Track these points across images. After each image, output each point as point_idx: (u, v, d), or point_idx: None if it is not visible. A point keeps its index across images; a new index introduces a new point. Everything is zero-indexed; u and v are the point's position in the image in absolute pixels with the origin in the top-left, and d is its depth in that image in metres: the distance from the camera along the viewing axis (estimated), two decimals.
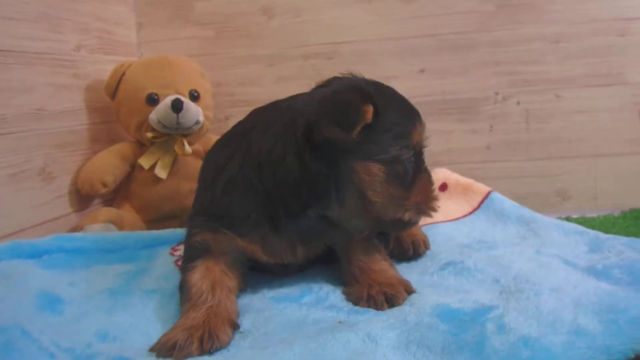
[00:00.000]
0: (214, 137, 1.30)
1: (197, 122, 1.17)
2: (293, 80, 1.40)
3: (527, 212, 0.99)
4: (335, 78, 0.75)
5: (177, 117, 1.11)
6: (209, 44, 1.40)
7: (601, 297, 0.53)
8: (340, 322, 0.56)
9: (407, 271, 0.74)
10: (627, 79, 1.35)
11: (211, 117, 1.27)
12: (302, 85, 1.39)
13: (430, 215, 0.70)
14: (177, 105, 1.11)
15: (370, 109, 0.61)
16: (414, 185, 0.67)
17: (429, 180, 0.71)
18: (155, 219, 1.16)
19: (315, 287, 0.68)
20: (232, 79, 1.41)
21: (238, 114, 1.42)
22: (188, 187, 1.19)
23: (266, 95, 1.40)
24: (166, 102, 1.11)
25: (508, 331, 0.47)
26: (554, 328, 0.47)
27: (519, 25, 1.35)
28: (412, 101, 1.05)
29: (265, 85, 1.40)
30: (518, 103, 1.37)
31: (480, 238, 0.89)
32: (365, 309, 0.60)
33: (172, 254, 0.78)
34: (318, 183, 0.64)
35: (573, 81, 1.35)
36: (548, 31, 1.35)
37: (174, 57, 1.24)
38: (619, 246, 0.73)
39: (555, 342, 0.45)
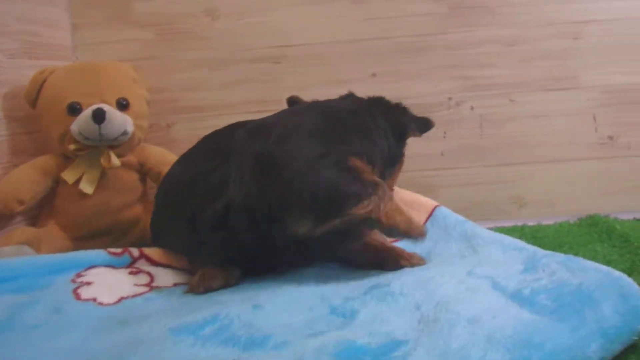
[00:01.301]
0: (151, 147, 1.23)
1: (125, 133, 1.09)
2: (240, 85, 1.34)
3: (470, 227, 0.94)
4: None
5: (99, 128, 1.04)
6: (149, 47, 1.33)
7: (518, 329, 0.48)
8: None
9: (334, 294, 0.70)
10: (581, 83, 1.32)
11: (145, 127, 1.20)
12: (249, 90, 1.35)
13: None
14: (98, 116, 1.03)
15: None
16: None
17: None
18: (85, 236, 1.09)
19: (223, 312, 0.63)
20: (175, 84, 1.34)
21: (182, 121, 1.36)
22: (119, 201, 1.13)
23: (212, 101, 1.36)
24: (87, 112, 1.04)
25: None
26: None
27: (473, 28, 1.31)
28: None
29: (211, 90, 1.34)
30: (472, 108, 1.33)
31: None
32: (265, 340, 0.55)
33: (73, 281, 0.71)
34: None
35: (527, 85, 1.32)
36: (502, 34, 1.31)
37: (102, 62, 1.18)
38: (554, 265, 0.69)
39: None
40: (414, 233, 0.76)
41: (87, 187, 1.05)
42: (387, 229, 0.75)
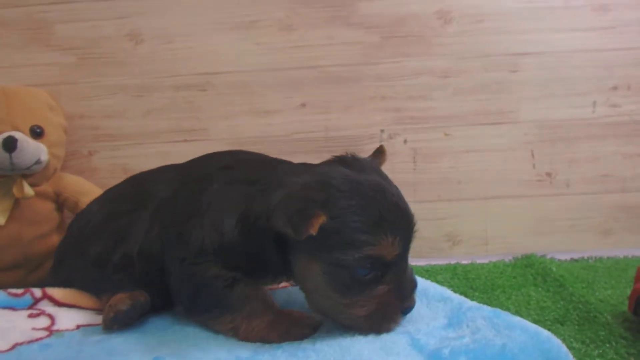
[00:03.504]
0: (68, 176, 1.19)
1: (39, 162, 1.07)
2: (163, 113, 1.28)
3: None
4: (333, 159, 0.73)
5: (10, 156, 1.02)
6: (70, 71, 1.28)
7: None
8: None
9: (244, 345, 0.67)
10: (519, 117, 1.27)
11: (61, 155, 1.17)
12: (173, 118, 1.29)
13: (372, 333, 0.65)
14: (9, 144, 1.02)
15: (319, 220, 0.60)
16: (363, 296, 0.64)
17: (385, 295, 0.65)
18: None
19: None
20: (96, 110, 1.28)
21: (103, 149, 1.30)
22: (32, 232, 1.09)
23: (133, 129, 1.30)
24: None
25: None
26: None
27: (406, 59, 1.27)
28: (293, 137, 0.93)
29: (133, 118, 1.28)
30: (405, 141, 1.28)
31: None
32: None
33: None
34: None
35: (462, 119, 1.27)
36: (436, 65, 1.26)
37: (15, 87, 1.13)
38: (479, 320, 0.65)
39: None
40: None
41: None
42: None
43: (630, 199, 1.26)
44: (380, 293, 0.64)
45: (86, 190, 1.17)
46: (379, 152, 0.78)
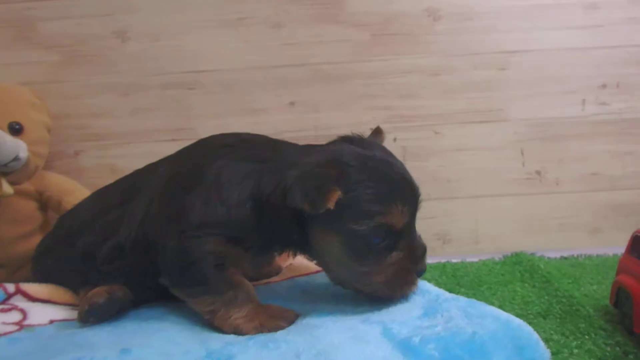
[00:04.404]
0: (51, 175, 1.17)
1: (17, 159, 1.04)
2: (151, 112, 1.27)
3: None
4: (339, 139, 0.76)
5: None
6: (56, 70, 1.26)
7: None
8: None
9: (216, 338, 0.66)
10: (508, 116, 1.27)
11: (44, 153, 1.15)
12: (161, 117, 1.27)
13: (394, 298, 0.70)
14: None
15: (335, 195, 0.64)
16: (380, 263, 0.68)
17: (401, 261, 0.69)
18: None
19: (87, 357, 0.57)
20: (83, 109, 1.27)
21: (90, 149, 1.28)
22: (14, 232, 1.08)
23: (121, 128, 1.28)
24: None
25: None
26: None
27: (396, 57, 1.26)
28: (282, 136, 0.91)
29: (120, 117, 1.27)
30: (395, 140, 1.27)
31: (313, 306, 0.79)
32: None
33: None
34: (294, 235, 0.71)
35: (452, 117, 1.27)
36: (425, 63, 1.26)
37: None
38: (454, 310, 0.65)
39: None
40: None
41: None
42: None
43: (619, 198, 1.26)
44: (395, 260, 0.68)
45: (70, 189, 1.16)
46: (377, 133, 0.82)
